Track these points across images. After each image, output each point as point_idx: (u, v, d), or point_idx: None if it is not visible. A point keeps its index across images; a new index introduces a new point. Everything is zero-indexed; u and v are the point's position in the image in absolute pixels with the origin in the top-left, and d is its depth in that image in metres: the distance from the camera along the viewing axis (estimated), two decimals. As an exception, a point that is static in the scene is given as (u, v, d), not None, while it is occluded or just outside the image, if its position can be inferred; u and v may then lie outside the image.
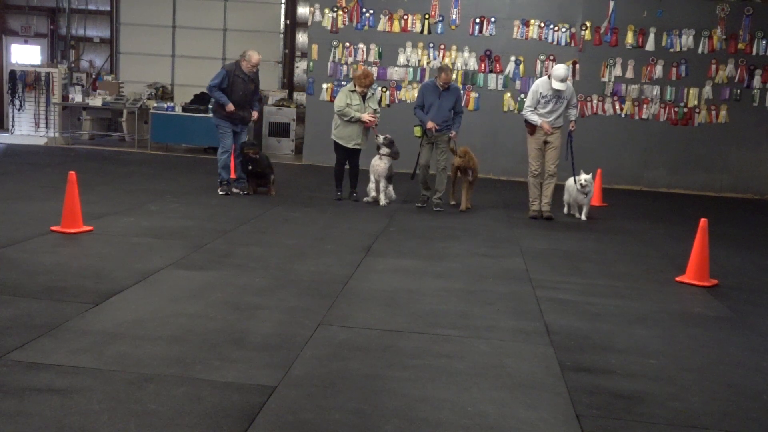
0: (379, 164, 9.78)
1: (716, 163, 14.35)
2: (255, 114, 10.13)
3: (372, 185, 9.92)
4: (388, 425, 3.37)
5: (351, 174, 10.15)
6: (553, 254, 7.45)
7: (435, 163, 9.82)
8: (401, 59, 14.53)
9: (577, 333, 4.90)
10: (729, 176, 14.37)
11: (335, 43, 14.61)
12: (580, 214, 9.56)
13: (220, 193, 9.92)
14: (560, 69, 9.28)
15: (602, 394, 3.90)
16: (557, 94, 9.28)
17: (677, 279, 6.61)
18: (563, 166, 9.62)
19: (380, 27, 14.51)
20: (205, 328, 4.49)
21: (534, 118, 9.34)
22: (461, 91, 9.84)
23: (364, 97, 9.82)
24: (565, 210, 9.91)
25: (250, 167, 9.98)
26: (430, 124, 9.55)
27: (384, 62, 14.55)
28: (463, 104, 9.86)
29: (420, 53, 14.47)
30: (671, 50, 14.13)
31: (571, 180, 9.60)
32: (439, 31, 14.45)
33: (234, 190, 10.02)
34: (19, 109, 16.54)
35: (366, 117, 9.67)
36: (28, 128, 16.62)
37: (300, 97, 17.26)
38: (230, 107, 9.77)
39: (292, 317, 4.83)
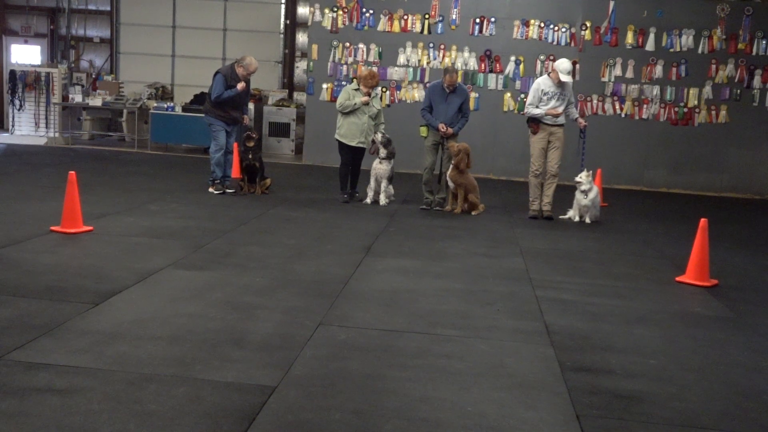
0: (380, 167, 9.79)
1: (716, 163, 14.36)
2: (246, 118, 10.16)
3: (372, 185, 9.92)
4: (388, 425, 3.37)
5: (352, 174, 10.14)
6: (553, 254, 7.45)
7: (439, 164, 9.81)
8: (401, 59, 14.53)
9: (577, 333, 4.90)
10: (729, 176, 14.37)
11: (335, 43, 14.61)
12: (586, 217, 9.42)
13: (215, 192, 9.91)
14: (565, 62, 9.32)
15: (602, 394, 3.90)
16: (561, 89, 9.29)
17: (677, 279, 6.60)
18: (572, 164, 9.53)
19: (380, 27, 14.52)
20: (205, 328, 4.49)
21: (537, 111, 9.34)
22: (468, 94, 9.74)
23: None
24: (576, 218, 9.54)
25: (247, 155, 9.97)
26: (441, 126, 9.53)
27: (384, 62, 14.54)
28: (470, 107, 9.81)
29: (420, 53, 14.47)
30: (671, 50, 14.13)
31: (577, 193, 9.47)
32: (439, 31, 14.45)
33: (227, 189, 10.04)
34: (19, 109, 16.57)
35: (365, 99, 9.67)
36: (28, 128, 16.65)
37: (300, 97, 17.26)
38: (241, 85, 9.86)
39: (292, 317, 4.83)
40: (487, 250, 7.41)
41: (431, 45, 14.44)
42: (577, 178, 9.28)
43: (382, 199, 9.90)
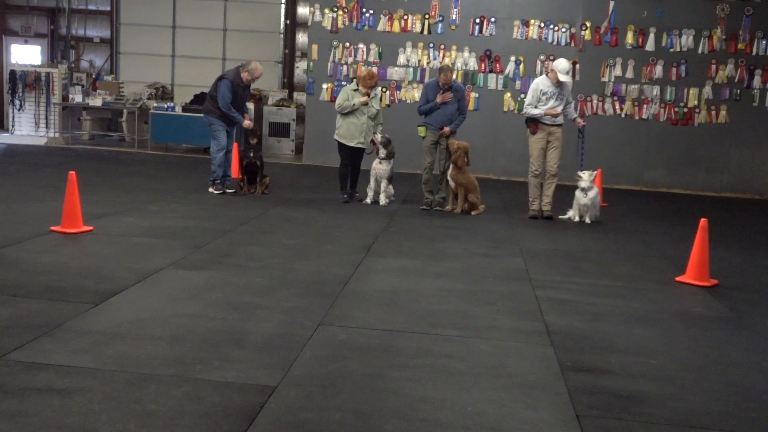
0: (380, 167, 9.79)
1: (716, 163, 14.35)
2: (248, 122, 10.08)
3: (372, 185, 9.92)
4: (388, 425, 3.37)
5: (352, 174, 10.13)
6: (553, 254, 7.45)
7: (438, 164, 9.83)
8: (401, 59, 14.53)
9: (577, 333, 4.90)
10: (729, 176, 14.37)
11: (335, 43, 14.61)
12: (586, 216, 9.41)
13: (215, 192, 9.91)
14: (563, 62, 9.33)
15: (602, 394, 3.90)
16: (559, 89, 9.30)
17: (677, 279, 6.60)
18: (571, 163, 9.53)
19: (380, 27, 14.52)
20: (205, 328, 4.49)
21: (536, 112, 9.34)
22: (465, 91, 9.80)
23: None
24: (576, 218, 9.52)
25: (248, 154, 9.98)
26: (440, 98, 9.52)
27: (384, 62, 14.54)
28: (467, 105, 9.87)
29: (420, 53, 14.47)
30: (671, 50, 14.13)
31: (577, 192, 9.48)
32: (439, 31, 14.45)
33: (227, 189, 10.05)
34: (19, 109, 16.57)
35: (363, 99, 9.67)
36: (28, 128, 16.65)
37: (300, 97, 17.26)
38: (246, 123, 10.00)
39: (292, 317, 4.83)
40: (487, 250, 7.41)
41: (431, 45, 14.44)
42: (579, 173, 9.26)
43: (382, 199, 9.90)
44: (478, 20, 14.33)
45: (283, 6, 18.04)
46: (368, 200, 9.92)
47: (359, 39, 14.58)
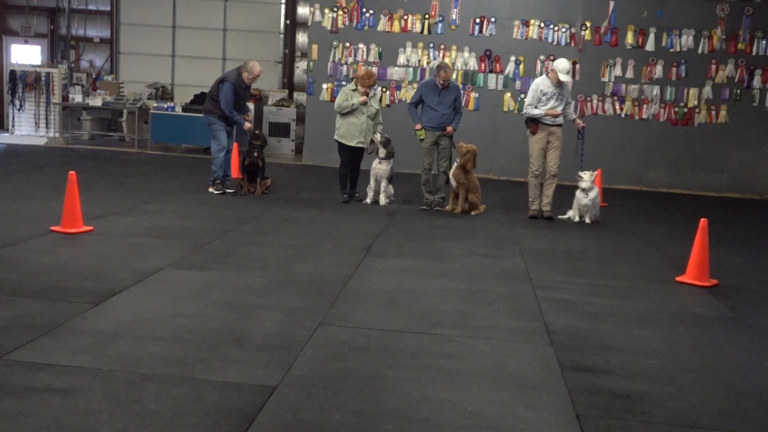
0: (380, 167, 9.79)
1: (716, 163, 14.36)
2: (248, 125, 10.08)
3: (372, 185, 9.92)
4: (388, 425, 3.37)
5: (352, 174, 10.13)
6: (553, 254, 7.45)
7: (437, 164, 9.86)
8: (401, 59, 14.53)
9: (577, 333, 4.90)
10: (729, 176, 14.38)
11: (335, 43, 14.61)
12: (586, 216, 9.41)
13: (215, 192, 9.91)
14: (564, 62, 9.34)
15: (602, 394, 3.90)
16: (559, 89, 9.30)
17: (677, 279, 6.60)
18: (571, 163, 9.54)
19: (380, 27, 14.52)
20: (205, 328, 4.49)
21: (536, 112, 9.35)
22: (461, 91, 9.86)
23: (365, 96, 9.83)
24: (576, 218, 9.53)
25: (252, 153, 9.97)
26: (418, 126, 9.76)
27: (384, 62, 14.55)
28: (463, 104, 9.93)
29: (420, 53, 14.47)
30: (671, 50, 14.13)
31: (578, 193, 9.49)
32: (439, 31, 14.45)
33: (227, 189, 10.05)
34: (19, 109, 16.58)
35: (362, 99, 9.68)
36: (28, 128, 16.66)
37: (300, 97, 17.27)
38: (247, 126, 10.04)
39: (292, 317, 4.83)
40: (487, 250, 7.41)
41: (431, 45, 14.44)
42: (581, 173, 9.26)
43: (382, 199, 9.90)
44: (478, 20, 14.34)
45: (283, 6, 18.03)
46: (368, 200, 9.92)
47: (359, 39, 14.58)
